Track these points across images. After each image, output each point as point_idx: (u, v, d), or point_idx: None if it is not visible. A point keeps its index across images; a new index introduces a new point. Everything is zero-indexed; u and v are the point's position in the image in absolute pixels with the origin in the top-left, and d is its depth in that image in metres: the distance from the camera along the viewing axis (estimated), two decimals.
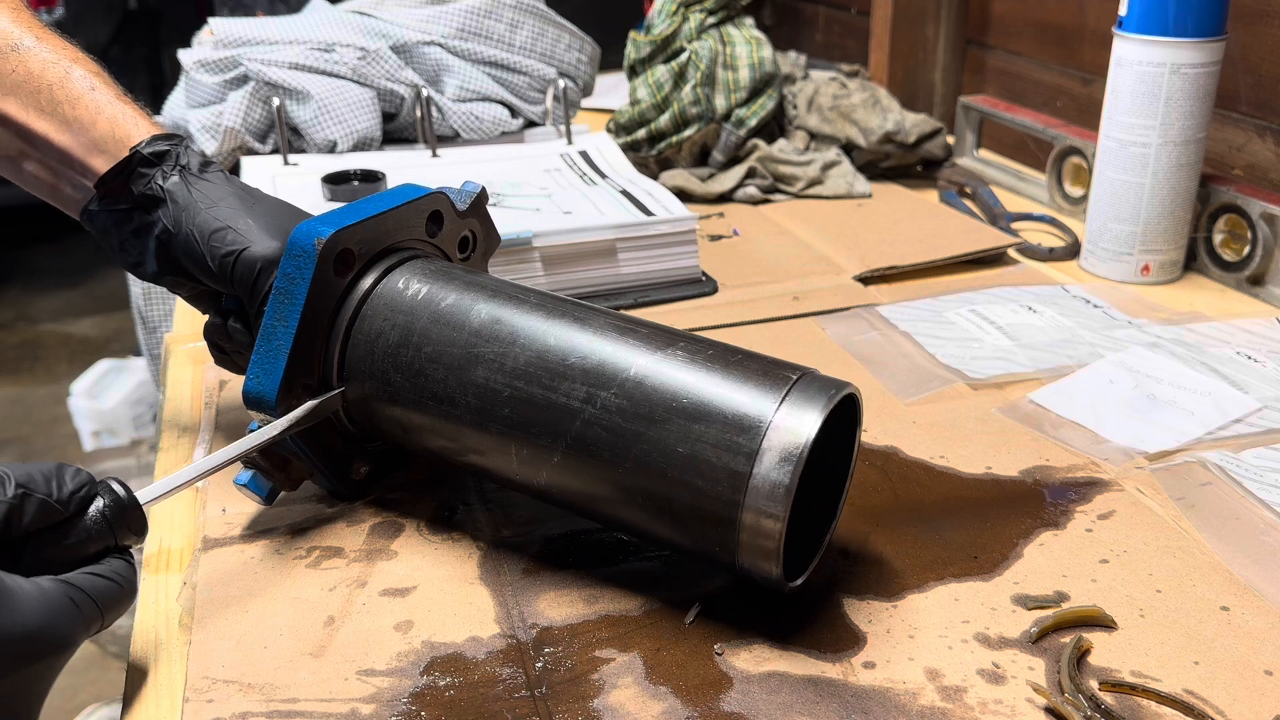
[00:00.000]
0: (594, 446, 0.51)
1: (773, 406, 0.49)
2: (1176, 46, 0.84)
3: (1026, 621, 0.52)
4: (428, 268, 0.59)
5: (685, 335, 0.54)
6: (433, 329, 0.56)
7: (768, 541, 0.48)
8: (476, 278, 0.59)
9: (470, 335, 0.55)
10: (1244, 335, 0.80)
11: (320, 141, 1.06)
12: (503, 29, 1.15)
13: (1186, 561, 0.56)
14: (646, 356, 0.51)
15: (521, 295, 0.56)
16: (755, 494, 0.48)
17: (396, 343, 0.56)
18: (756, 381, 0.50)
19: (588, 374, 0.51)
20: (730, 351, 0.52)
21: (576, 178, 0.98)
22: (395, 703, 0.47)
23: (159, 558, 0.59)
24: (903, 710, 0.47)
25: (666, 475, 0.49)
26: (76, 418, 2.25)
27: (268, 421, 0.56)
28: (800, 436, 0.48)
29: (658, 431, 0.49)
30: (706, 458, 0.48)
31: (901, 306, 0.86)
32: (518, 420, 0.53)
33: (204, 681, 0.49)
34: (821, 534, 0.55)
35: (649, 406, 0.50)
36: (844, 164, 1.12)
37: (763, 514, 0.48)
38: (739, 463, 0.48)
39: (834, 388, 0.50)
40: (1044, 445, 0.67)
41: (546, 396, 0.52)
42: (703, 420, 0.49)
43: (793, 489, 0.47)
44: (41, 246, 3.38)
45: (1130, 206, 0.90)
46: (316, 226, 0.56)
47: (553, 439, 0.52)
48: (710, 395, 0.50)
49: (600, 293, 0.87)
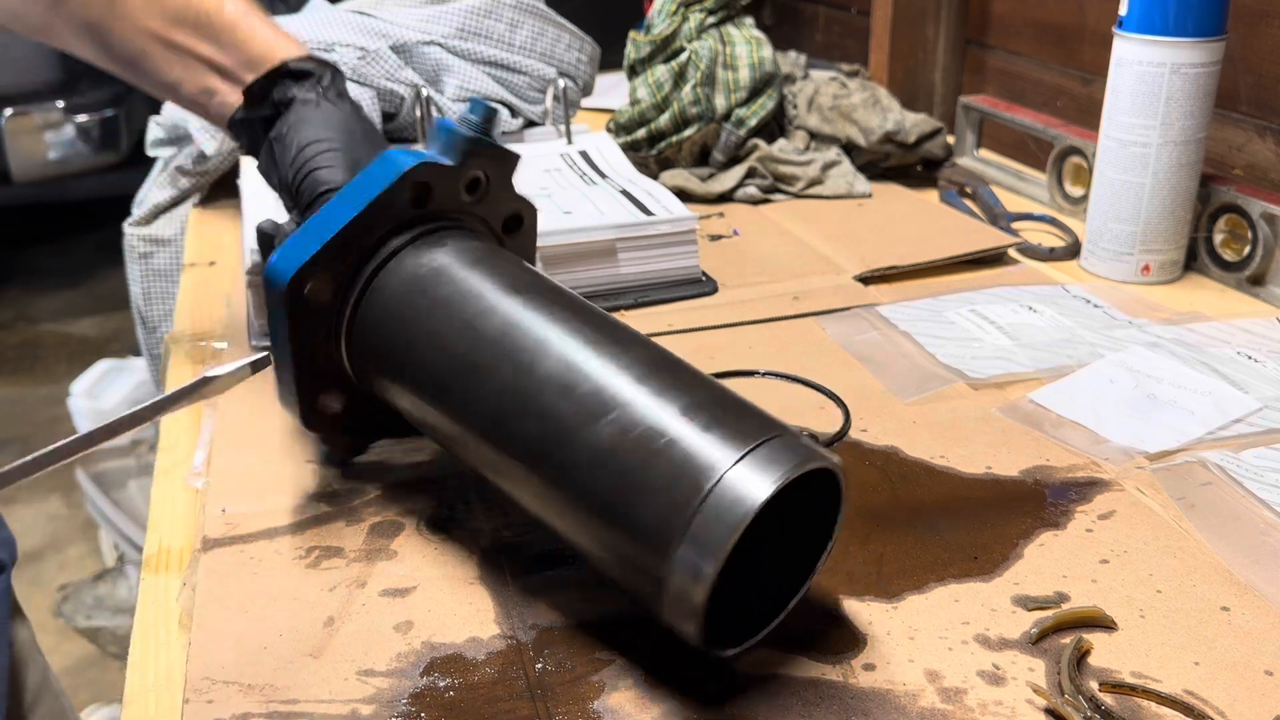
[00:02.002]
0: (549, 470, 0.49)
1: (703, 491, 0.44)
2: (1177, 46, 0.84)
3: (1026, 622, 0.52)
4: (460, 245, 0.58)
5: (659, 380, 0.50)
6: (435, 312, 0.55)
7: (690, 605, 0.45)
8: (500, 267, 0.57)
9: (466, 331, 0.54)
10: (1244, 335, 0.80)
11: None
12: (502, 29, 1.15)
13: (1187, 562, 0.56)
14: (634, 389, 0.49)
15: (537, 301, 0.55)
16: (681, 563, 0.44)
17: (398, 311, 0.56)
18: (717, 444, 0.46)
19: (576, 402, 0.49)
20: (697, 409, 0.48)
21: (576, 177, 0.98)
22: (395, 703, 0.47)
23: (158, 558, 0.59)
24: (903, 712, 0.47)
25: (605, 524, 0.47)
26: (76, 418, 2.24)
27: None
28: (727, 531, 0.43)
29: (614, 465, 0.47)
30: (648, 524, 0.45)
31: (902, 306, 0.85)
32: (486, 427, 0.52)
33: (204, 682, 0.49)
34: (784, 595, 0.50)
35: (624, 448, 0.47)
36: (844, 164, 1.12)
37: (685, 587, 0.44)
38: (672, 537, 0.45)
39: (793, 466, 0.45)
40: (1044, 445, 0.67)
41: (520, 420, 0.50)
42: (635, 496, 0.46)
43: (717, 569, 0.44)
44: (41, 246, 3.38)
45: (1130, 206, 0.90)
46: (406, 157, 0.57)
47: (524, 457, 0.50)
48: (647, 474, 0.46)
49: (600, 293, 0.87)
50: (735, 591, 0.48)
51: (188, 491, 0.64)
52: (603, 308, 0.85)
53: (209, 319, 0.86)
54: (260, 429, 0.69)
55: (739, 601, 0.49)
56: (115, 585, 1.96)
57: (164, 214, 1.13)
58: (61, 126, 2.78)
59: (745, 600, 0.50)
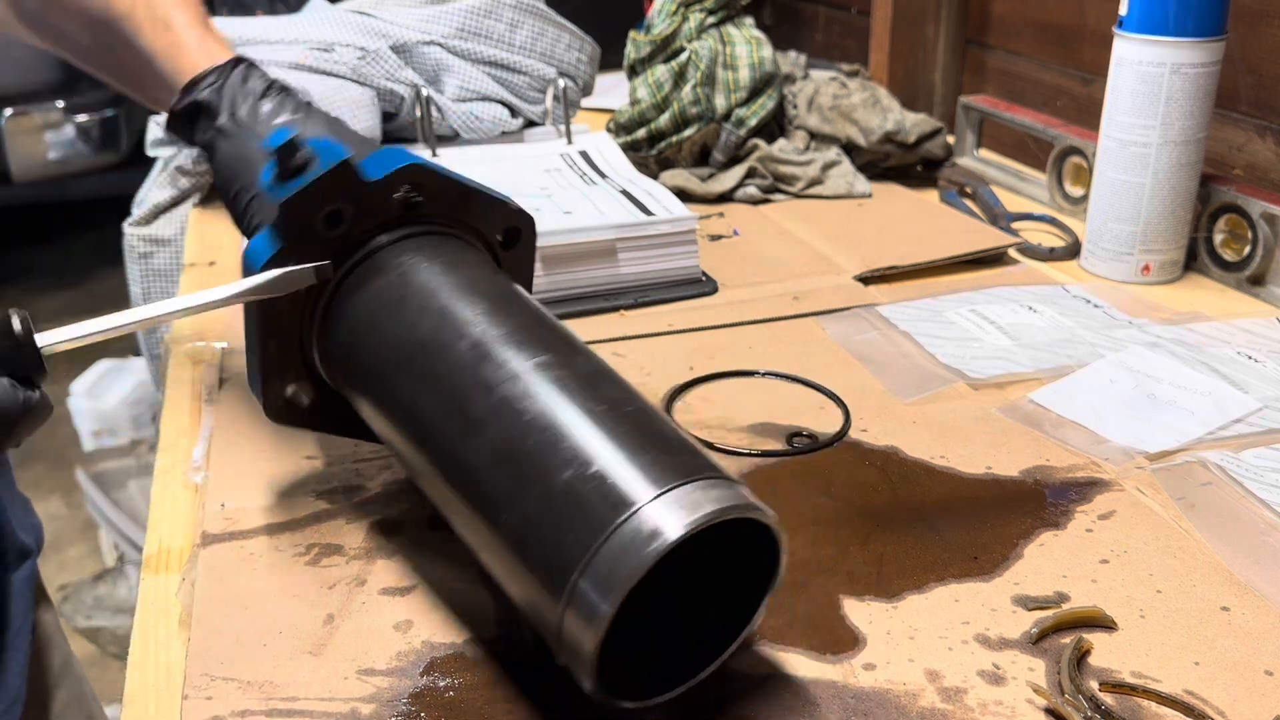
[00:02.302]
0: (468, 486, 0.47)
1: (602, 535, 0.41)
2: (1177, 46, 0.84)
3: (1027, 622, 0.52)
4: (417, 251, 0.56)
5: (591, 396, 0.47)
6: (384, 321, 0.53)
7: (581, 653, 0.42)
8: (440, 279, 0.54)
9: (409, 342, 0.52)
10: (1244, 335, 0.80)
11: None
12: (502, 29, 1.15)
13: (1187, 562, 0.56)
14: (561, 403, 0.46)
15: (487, 320, 0.52)
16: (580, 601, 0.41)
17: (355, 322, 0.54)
18: (638, 479, 0.43)
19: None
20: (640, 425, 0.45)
21: (576, 177, 0.98)
22: (395, 703, 0.47)
23: (158, 558, 0.59)
24: (903, 712, 0.47)
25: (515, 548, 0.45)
26: (76, 417, 2.24)
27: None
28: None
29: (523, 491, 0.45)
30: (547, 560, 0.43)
31: (902, 306, 0.85)
32: (421, 444, 0.50)
33: (203, 679, 0.49)
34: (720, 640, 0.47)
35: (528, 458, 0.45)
36: (844, 164, 1.12)
37: (579, 628, 0.41)
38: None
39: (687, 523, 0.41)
40: (1044, 445, 0.67)
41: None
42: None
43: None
44: (41, 246, 3.38)
45: (1130, 206, 0.90)
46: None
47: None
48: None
49: (600, 293, 0.87)
50: (656, 639, 0.47)
51: (188, 491, 0.64)
52: (603, 308, 0.86)
53: (209, 319, 0.86)
54: (260, 424, 0.69)
55: (661, 650, 0.47)
56: (115, 585, 1.96)
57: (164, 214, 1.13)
58: (61, 126, 2.78)
59: (668, 650, 0.47)
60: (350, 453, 0.66)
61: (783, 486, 0.63)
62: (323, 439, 0.67)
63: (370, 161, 0.55)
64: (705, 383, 0.75)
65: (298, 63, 1.07)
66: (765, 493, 0.62)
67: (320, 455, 0.66)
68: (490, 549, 0.46)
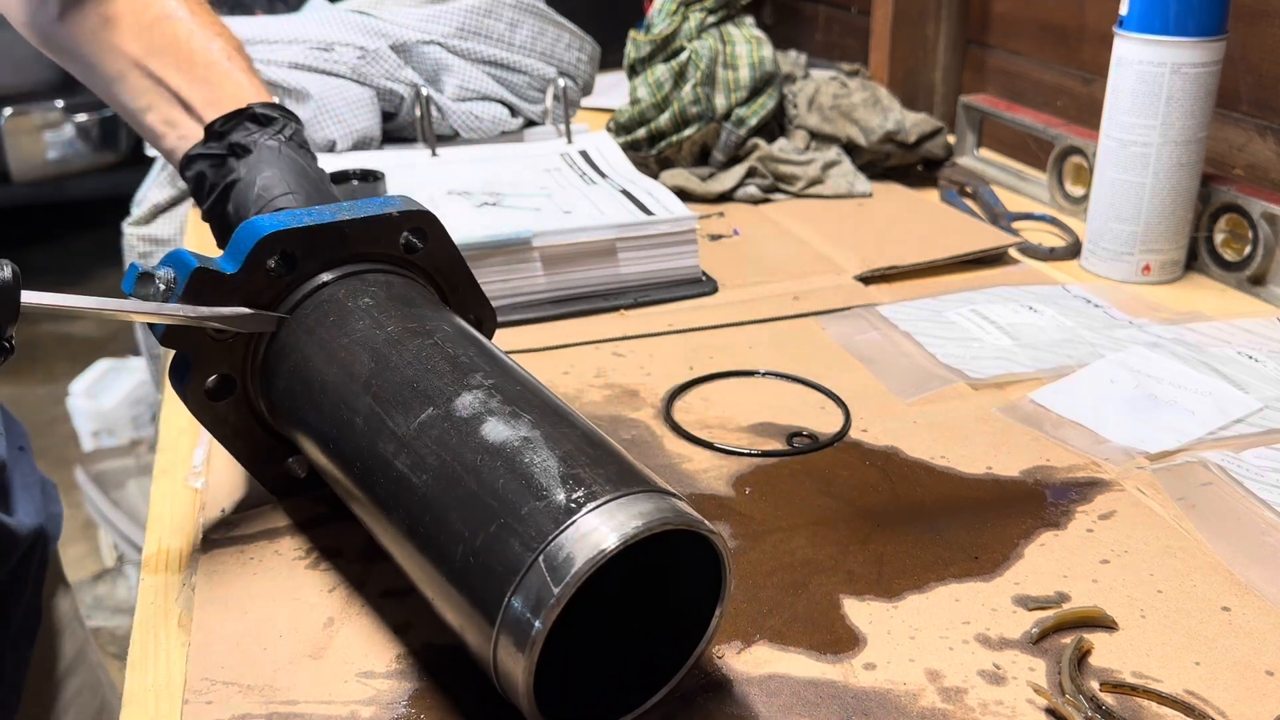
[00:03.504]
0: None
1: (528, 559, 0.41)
2: (1177, 46, 0.84)
3: (1027, 622, 0.52)
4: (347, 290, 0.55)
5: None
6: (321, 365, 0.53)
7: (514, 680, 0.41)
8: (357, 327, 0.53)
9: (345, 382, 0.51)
10: (1245, 335, 0.80)
11: (319, 141, 1.06)
12: (502, 28, 1.15)
13: (1187, 562, 0.56)
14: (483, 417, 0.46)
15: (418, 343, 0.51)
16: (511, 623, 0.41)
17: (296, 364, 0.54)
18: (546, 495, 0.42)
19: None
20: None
21: (576, 177, 0.98)
22: (395, 705, 0.47)
23: (158, 558, 0.59)
24: (903, 712, 0.46)
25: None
26: (76, 417, 2.24)
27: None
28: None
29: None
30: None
31: (902, 306, 0.85)
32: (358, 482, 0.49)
33: (203, 683, 0.49)
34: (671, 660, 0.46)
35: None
36: (844, 163, 1.12)
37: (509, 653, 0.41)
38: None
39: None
40: (1045, 445, 0.67)
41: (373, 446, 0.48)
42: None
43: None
44: (40, 246, 3.38)
45: (1131, 206, 0.90)
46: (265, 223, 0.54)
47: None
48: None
49: (600, 292, 0.87)
50: (610, 665, 0.47)
51: (187, 491, 0.64)
52: (602, 307, 0.86)
53: None
54: None
55: (615, 676, 0.47)
56: (115, 585, 1.96)
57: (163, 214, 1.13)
58: (61, 126, 2.78)
59: (622, 675, 0.47)
60: None
61: (783, 486, 0.63)
62: None
63: (232, 246, 0.55)
64: (705, 383, 0.75)
65: (298, 63, 1.07)
66: (765, 492, 0.62)
67: None
68: (430, 600, 0.46)
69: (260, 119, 0.66)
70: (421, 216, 0.58)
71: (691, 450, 0.67)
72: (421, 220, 0.58)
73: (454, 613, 0.44)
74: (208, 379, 0.56)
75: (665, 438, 0.68)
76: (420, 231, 0.58)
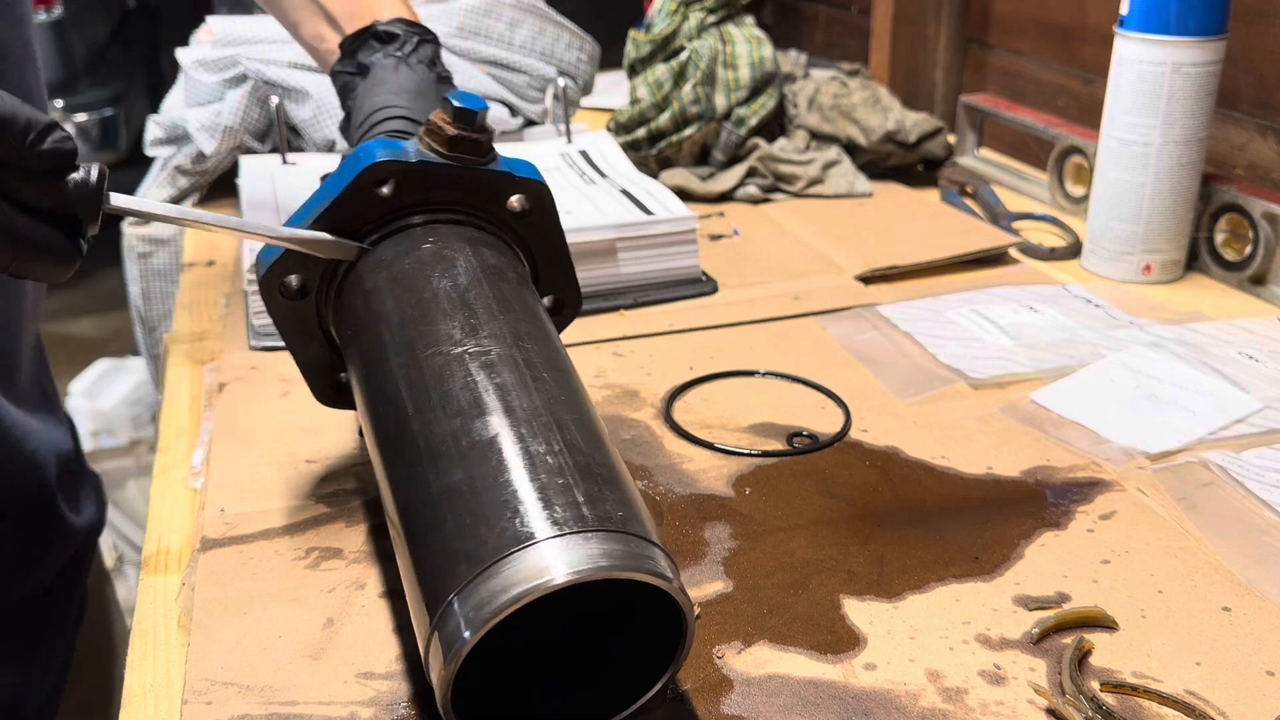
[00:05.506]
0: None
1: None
2: (1178, 45, 0.84)
3: (1028, 622, 0.52)
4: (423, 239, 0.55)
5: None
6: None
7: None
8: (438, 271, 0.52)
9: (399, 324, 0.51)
10: (1245, 335, 0.80)
11: (319, 140, 1.06)
12: (502, 28, 1.15)
13: (1188, 562, 0.56)
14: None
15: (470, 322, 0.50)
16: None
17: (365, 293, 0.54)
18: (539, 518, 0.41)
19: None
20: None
21: (576, 177, 0.98)
22: (395, 706, 0.47)
23: (157, 558, 0.59)
24: (904, 712, 0.46)
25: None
26: (75, 418, 2.24)
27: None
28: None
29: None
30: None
31: (902, 306, 0.85)
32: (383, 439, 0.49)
33: (203, 683, 0.49)
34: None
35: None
36: (845, 163, 1.12)
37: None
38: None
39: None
40: (1045, 445, 0.67)
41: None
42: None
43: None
44: None
45: (1132, 206, 0.89)
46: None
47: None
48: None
49: (600, 292, 0.87)
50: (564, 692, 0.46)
51: (186, 491, 0.64)
52: (603, 307, 0.86)
53: (208, 319, 0.86)
54: (259, 428, 0.69)
55: (562, 692, 0.46)
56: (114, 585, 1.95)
57: None
58: None
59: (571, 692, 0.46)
60: (350, 456, 0.66)
61: (783, 486, 0.63)
62: (322, 442, 0.67)
63: (339, 169, 0.56)
64: (705, 383, 0.75)
65: (298, 62, 1.07)
66: (765, 493, 0.62)
67: (319, 459, 0.66)
68: (405, 574, 0.45)
69: (382, 36, 0.66)
70: (537, 185, 0.57)
71: (691, 450, 0.67)
72: (536, 188, 0.56)
73: (410, 592, 0.43)
74: (287, 277, 0.55)
75: (665, 438, 0.68)
76: (531, 199, 0.56)
